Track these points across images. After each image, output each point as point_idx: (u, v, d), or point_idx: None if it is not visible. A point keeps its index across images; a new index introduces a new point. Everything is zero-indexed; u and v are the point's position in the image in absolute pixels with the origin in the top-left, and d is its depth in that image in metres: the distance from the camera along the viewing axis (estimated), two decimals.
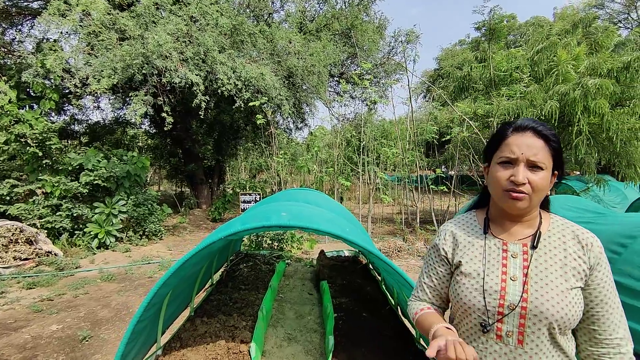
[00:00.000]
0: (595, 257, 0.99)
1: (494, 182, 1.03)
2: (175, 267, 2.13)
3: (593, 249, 0.99)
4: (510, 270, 1.01)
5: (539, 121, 1.03)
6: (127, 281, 5.49)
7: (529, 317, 0.95)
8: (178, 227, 9.85)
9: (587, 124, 6.84)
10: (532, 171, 0.97)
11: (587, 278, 0.98)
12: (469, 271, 1.06)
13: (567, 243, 1.01)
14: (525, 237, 1.05)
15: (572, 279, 0.97)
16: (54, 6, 6.22)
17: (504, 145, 1.02)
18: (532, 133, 0.99)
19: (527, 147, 0.98)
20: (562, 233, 1.04)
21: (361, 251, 4.71)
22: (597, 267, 0.98)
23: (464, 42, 24.61)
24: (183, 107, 10.36)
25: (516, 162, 0.98)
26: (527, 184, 0.97)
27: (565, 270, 0.98)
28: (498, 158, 1.03)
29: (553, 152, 0.99)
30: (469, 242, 1.12)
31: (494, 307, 0.99)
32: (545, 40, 7.81)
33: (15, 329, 3.80)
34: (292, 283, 5.18)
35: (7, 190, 6.81)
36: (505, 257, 1.04)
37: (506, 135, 1.03)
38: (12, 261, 5.76)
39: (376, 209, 12.24)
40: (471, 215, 1.20)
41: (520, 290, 0.98)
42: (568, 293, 0.95)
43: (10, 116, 6.87)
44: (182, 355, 2.75)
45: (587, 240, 1.01)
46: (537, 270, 0.99)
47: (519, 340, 0.96)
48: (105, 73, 6.33)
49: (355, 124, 12.54)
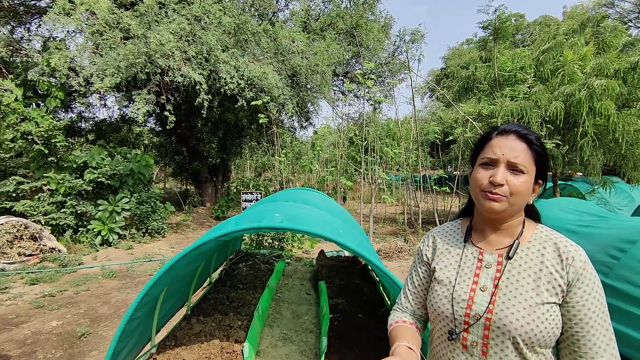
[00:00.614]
0: (575, 272, 0.92)
1: (474, 183, 1.02)
2: (166, 267, 2.15)
3: (574, 263, 0.93)
4: (482, 280, 1.00)
5: (524, 126, 1.02)
6: (128, 278, 5.55)
7: (493, 329, 0.93)
8: (181, 224, 9.93)
9: (592, 125, 6.74)
10: (512, 174, 0.96)
11: (565, 294, 0.92)
12: (441, 278, 1.07)
13: (545, 255, 0.97)
14: (503, 247, 1.03)
15: (545, 294, 0.92)
16: (59, 5, 6.29)
17: (487, 147, 1.02)
18: (515, 136, 0.98)
19: (508, 149, 0.97)
20: (543, 245, 0.99)
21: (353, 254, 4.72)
22: (577, 283, 0.91)
23: (472, 41, 24.39)
24: (187, 106, 10.43)
25: (497, 163, 0.97)
26: (505, 186, 0.95)
27: (538, 283, 0.93)
28: (480, 160, 1.03)
29: (536, 156, 0.97)
30: (446, 250, 1.12)
31: (460, 316, 0.98)
32: (552, 40, 7.71)
33: (16, 324, 3.87)
34: (291, 283, 5.20)
35: (13, 187, 6.91)
36: (479, 266, 1.03)
37: (490, 138, 1.03)
38: (16, 257, 5.85)
39: (379, 208, 12.21)
40: (457, 222, 1.20)
41: (488, 300, 0.96)
42: (537, 308, 0.90)
43: (16, 114, 6.97)
44: (176, 353, 2.77)
45: (568, 253, 0.95)
46: (508, 282, 0.96)
47: (482, 352, 0.95)
48: (108, 72, 6.39)
49: (359, 123, 12.51)
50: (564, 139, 7.56)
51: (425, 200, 11.79)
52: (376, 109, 12.85)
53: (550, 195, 7.95)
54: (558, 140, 7.15)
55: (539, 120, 6.86)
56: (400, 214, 11.12)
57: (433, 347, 1.10)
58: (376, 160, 9.18)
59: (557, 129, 7.17)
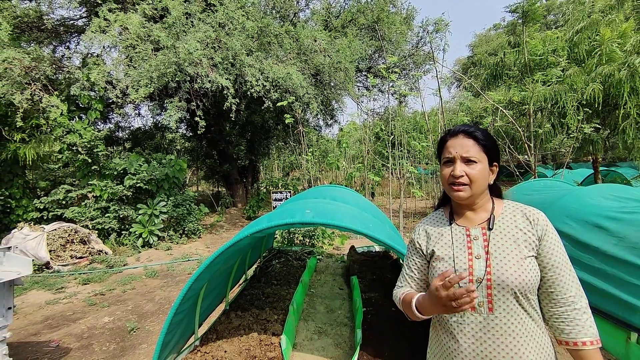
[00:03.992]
0: (541, 229, 1.17)
1: (442, 179, 1.25)
2: (206, 263, 2.29)
3: (539, 222, 1.18)
4: (475, 250, 1.20)
5: (469, 125, 1.24)
6: (169, 277, 5.86)
7: (494, 287, 1.12)
8: (215, 225, 10.29)
9: (635, 106, 6.34)
10: (468, 165, 1.18)
11: (538, 247, 1.15)
12: (442, 256, 1.24)
13: (517, 221, 1.21)
14: (483, 222, 1.24)
15: (524, 250, 1.14)
16: (95, 24, 6.71)
17: (444, 149, 1.25)
18: (463, 135, 1.21)
19: (460, 147, 1.19)
20: (513, 214, 1.23)
21: (383, 246, 4.73)
22: (544, 237, 1.16)
23: (499, 26, 23.44)
24: (216, 110, 10.76)
25: (454, 160, 1.20)
26: (464, 176, 1.17)
27: (518, 243, 1.16)
28: (442, 159, 1.26)
29: (483, 148, 1.19)
30: (438, 233, 1.31)
31: (465, 283, 1.14)
32: (586, 19, 7.30)
33: (73, 320, 4.21)
34: (323, 278, 5.29)
35: (62, 195, 7.47)
36: (469, 240, 1.23)
37: (445, 140, 1.26)
38: (69, 259, 6.33)
39: (409, 203, 12.07)
40: (439, 212, 1.40)
41: (484, 265, 1.15)
42: (523, 262, 1.12)
43: (62, 127, 7.52)
44: (217, 346, 2.93)
45: (533, 216, 1.20)
46: (496, 247, 1.17)
47: (489, 309, 1.12)
48: (142, 82, 6.75)
49: (385, 117, 12.41)
50: (603, 122, 7.17)
51: None
52: (401, 103, 12.68)
53: (590, 183, 7.56)
54: (597, 124, 6.78)
55: (575, 104, 6.55)
56: (430, 207, 10.94)
57: (441, 318, 1.23)
58: (404, 155, 9.09)
59: (595, 112, 6.81)
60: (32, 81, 6.95)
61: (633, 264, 2.83)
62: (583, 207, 3.76)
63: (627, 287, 2.82)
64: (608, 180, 8.56)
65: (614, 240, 3.13)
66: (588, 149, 7.45)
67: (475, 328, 1.14)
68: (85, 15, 9.58)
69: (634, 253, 2.89)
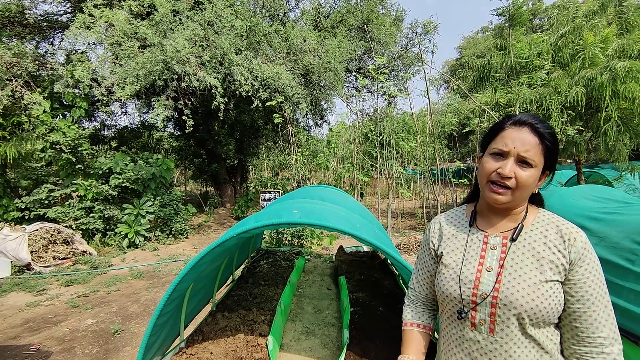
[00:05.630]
0: (577, 252, 0.97)
1: (482, 172, 1.05)
2: (192, 264, 2.26)
3: (576, 243, 0.98)
4: (487, 262, 1.04)
5: (540, 118, 1.02)
6: (155, 278, 5.77)
7: (499, 307, 0.97)
8: (203, 225, 10.19)
9: (616, 109, 6.50)
10: (521, 167, 0.98)
11: (567, 272, 0.97)
12: (448, 262, 1.11)
13: (548, 237, 1.01)
14: (508, 230, 1.06)
15: (548, 272, 0.96)
16: (80, 19, 6.57)
17: (499, 137, 1.03)
18: (529, 129, 0.99)
19: (520, 142, 0.98)
20: (546, 227, 1.03)
21: (370, 247, 4.77)
22: (578, 262, 0.96)
23: (487, 30, 23.81)
24: (204, 109, 10.66)
25: (507, 155, 0.99)
26: (512, 179, 0.97)
27: (541, 262, 0.97)
28: (491, 149, 1.04)
29: (546, 151, 0.99)
30: (452, 235, 1.16)
31: (468, 296, 1.03)
32: (570, 23, 7.46)
33: (55, 322, 4.11)
34: (312, 278, 5.28)
35: (45, 195, 7.29)
36: (484, 249, 1.07)
37: (503, 127, 1.04)
38: (51, 260, 6.18)
39: (398, 203, 12.15)
40: (462, 208, 1.23)
41: (494, 280, 1.00)
42: (542, 285, 0.95)
43: (45, 125, 7.34)
44: (204, 347, 2.89)
45: (570, 235, 0.99)
46: (513, 262, 1.00)
47: (490, 329, 0.99)
48: (128, 80, 6.63)
49: (374, 118, 12.47)
50: (586, 125, 7.33)
51: (443, 193, 11.66)
52: (390, 103, 12.77)
53: (574, 183, 7.73)
54: (580, 127, 6.94)
55: (559, 106, 6.67)
56: (418, 208, 11.05)
57: (444, 328, 1.15)
58: (393, 155, 9.15)
59: (578, 114, 6.96)
60: (13, 77, 6.77)
61: (614, 263, 2.90)
62: (566, 207, 3.83)
63: (609, 286, 2.88)
64: (591, 181, 8.76)
65: (595, 240, 3.20)
66: (571, 151, 7.61)
67: (472, 347, 1.02)
68: (69, 10, 9.39)
69: (615, 252, 2.96)
